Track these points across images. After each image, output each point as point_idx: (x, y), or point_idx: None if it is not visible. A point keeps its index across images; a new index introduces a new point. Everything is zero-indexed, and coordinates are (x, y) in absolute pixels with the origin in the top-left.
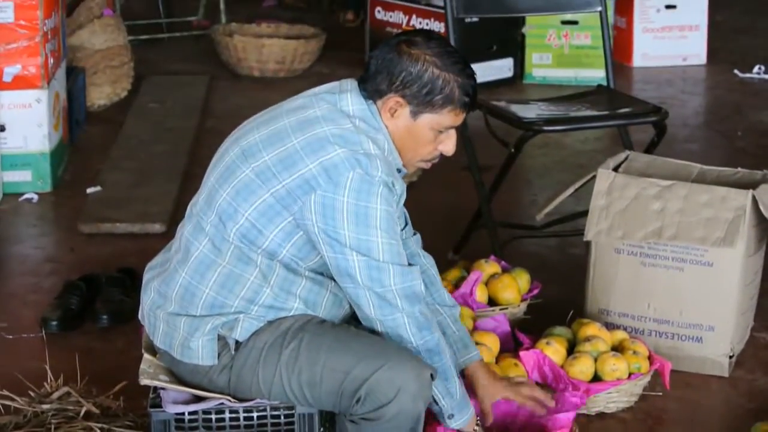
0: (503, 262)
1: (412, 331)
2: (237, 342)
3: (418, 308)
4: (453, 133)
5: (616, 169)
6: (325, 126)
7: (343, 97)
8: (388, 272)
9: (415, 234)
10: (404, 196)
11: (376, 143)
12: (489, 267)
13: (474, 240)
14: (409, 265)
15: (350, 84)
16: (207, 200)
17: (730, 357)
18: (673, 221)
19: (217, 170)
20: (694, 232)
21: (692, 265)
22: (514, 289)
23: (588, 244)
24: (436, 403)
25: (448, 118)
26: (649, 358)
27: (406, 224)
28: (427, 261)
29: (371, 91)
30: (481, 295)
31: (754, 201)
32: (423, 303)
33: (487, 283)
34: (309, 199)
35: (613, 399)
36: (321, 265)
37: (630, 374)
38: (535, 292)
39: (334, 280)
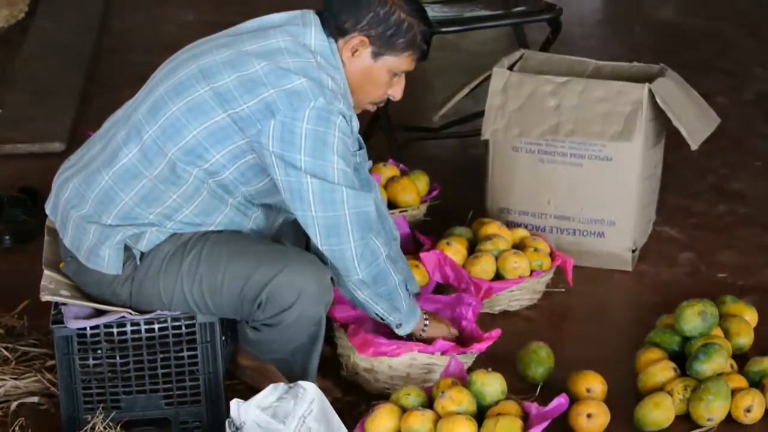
0: (402, 165)
1: (358, 262)
2: (142, 253)
3: (370, 236)
4: (404, 79)
5: (511, 67)
6: (288, 58)
7: (307, 31)
8: (342, 194)
9: (369, 160)
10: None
11: (335, 81)
12: (387, 170)
13: (372, 144)
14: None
15: (313, 18)
16: (151, 111)
17: (633, 251)
18: (570, 117)
19: (168, 83)
20: (591, 128)
21: (591, 161)
22: (413, 191)
23: (486, 143)
24: (383, 319)
25: (406, 62)
26: (551, 255)
27: (361, 147)
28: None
29: (333, 29)
30: None
31: (651, 94)
32: (374, 231)
33: (385, 186)
34: (268, 124)
35: (515, 297)
36: (258, 192)
37: (532, 271)
38: (435, 193)
39: (261, 210)
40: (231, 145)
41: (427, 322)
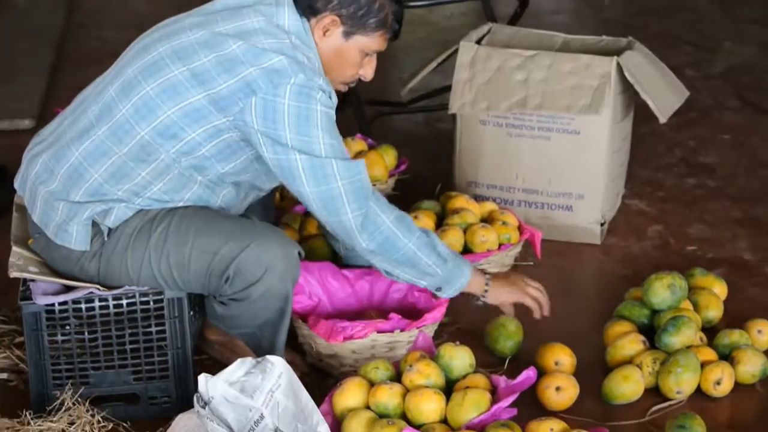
0: (369, 140)
1: (359, 232)
2: (109, 229)
3: (368, 204)
4: (375, 59)
5: (479, 41)
6: (263, 38)
7: (280, 11)
8: (332, 167)
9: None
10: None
11: (310, 61)
12: (355, 145)
13: (340, 119)
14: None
15: None
16: (124, 89)
17: (602, 224)
18: (538, 91)
19: (140, 63)
20: (559, 101)
21: (559, 134)
22: (381, 165)
23: (454, 117)
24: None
25: (377, 42)
26: (519, 228)
27: None
28: None
29: (305, 8)
30: None
31: (619, 67)
32: (374, 198)
33: None
34: (250, 102)
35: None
36: (234, 170)
37: (500, 245)
38: (403, 167)
39: (231, 188)
40: (208, 125)
41: (488, 286)
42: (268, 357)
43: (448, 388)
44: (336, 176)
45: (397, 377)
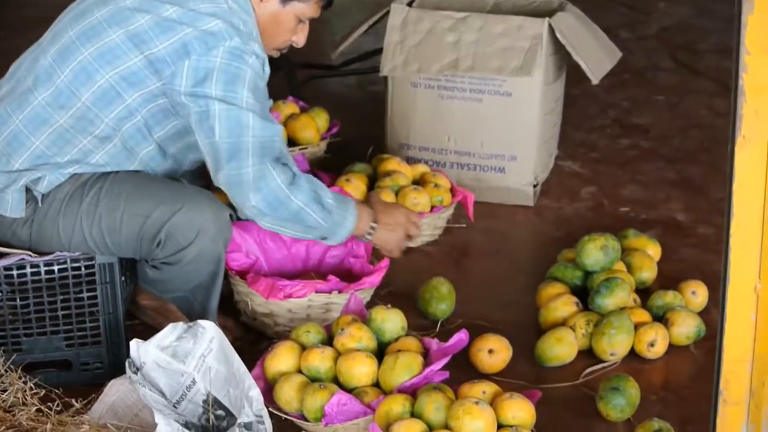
0: (301, 102)
1: (252, 188)
2: (42, 195)
3: (267, 163)
4: (308, 26)
5: (410, 3)
6: (201, 3)
7: None
8: (249, 119)
9: (269, 99)
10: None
11: (246, 26)
12: (287, 108)
13: (272, 82)
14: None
15: None
16: (62, 55)
17: (535, 186)
18: (469, 52)
19: (76, 28)
20: (490, 63)
21: (491, 96)
22: (313, 128)
23: (385, 80)
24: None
25: (312, 9)
26: (452, 190)
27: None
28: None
29: None
30: None
31: (551, 29)
32: (278, 161)
33: (285, 124)
34: (183, 65)
35: None
36: (169, 137)
37: (432, 207)
38: (335, 130)
39: (171, 161)
40: (144, 89)
41: (372, 230)
42: (200, 321)
43: (380, 352)
44: (250, 128)
45: (328, 341)
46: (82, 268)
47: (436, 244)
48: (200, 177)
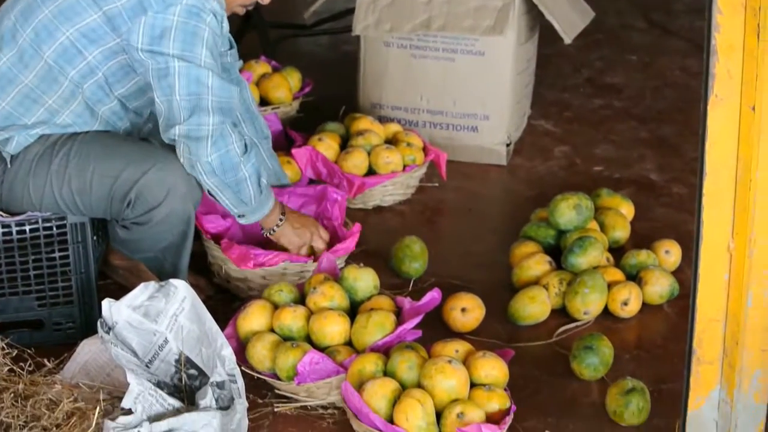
0: (274, 62)
1: (211, 145)
2: (11, 156)
3: (226, 124)
4: None
5: None
6: None
7: None
8: (207, 77)
9: (240, 60)
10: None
11: None
12: (259, 67)
13: (244, 42)
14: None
15: None
16: (24, 13)
17: (508, 145)
18: (442, 12)
19: None
20: (463, 22)
21: (463, 55)
22: (285, 87)
23: (358, 39)
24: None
25: None
26: (424, 149)
27: (232, 47)
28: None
29: None
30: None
31: None
32: (234, 123)
33: (258, 84)
34: (139, 21)
35: (389, 192)
36: (131, 94)
37: (405, 166)
38: (307, 89)
39: (133, 117)
40: (103, 46)
41: (280, 222)
42: (172, 281)
43: (353, 311)
44: (209, 87)
45: (301, 300)
46: (54, 228)
47: (409, 203)
48: None
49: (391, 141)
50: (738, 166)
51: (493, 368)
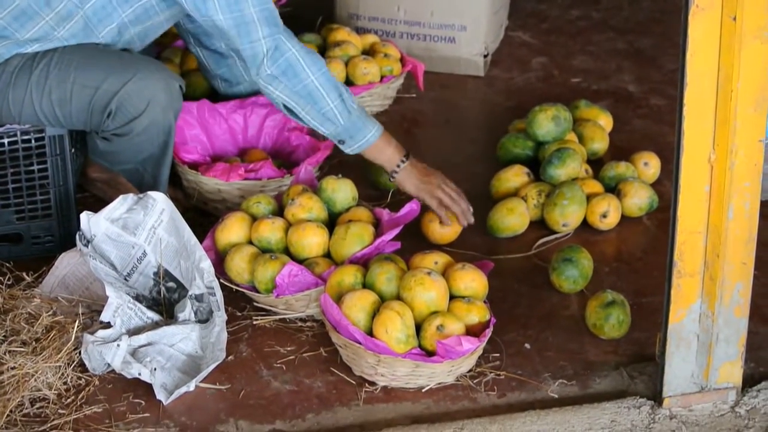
0: None
1: (268, 58)
2: None
3: (278, 32)
4: None
5: None
6: None
7: None
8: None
9: None
10: None
11: None
12: None
13: None
14: None
15: None
16: None
17: (485, 56)
18: None
19: None
20: None
21: None
22: None
23: None
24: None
25: None
26: (402, 60)
27: None
28: None
29: None
30: None
31: None
32: (283, 29)
33: None
34: None
35: (366, 103)
36: (134, 17)
37: (382, 77)
38: (283, 1)
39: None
40: None
41: (402, 164)
42: (150, 193)
43: (331, 222)
44: (248, 2)
45: (279, 212)
46: (33, 141)
47: (386, 114)
48: (149, 47)
49: (368, 52)
50: (719, 76)
51: (472, 280)
